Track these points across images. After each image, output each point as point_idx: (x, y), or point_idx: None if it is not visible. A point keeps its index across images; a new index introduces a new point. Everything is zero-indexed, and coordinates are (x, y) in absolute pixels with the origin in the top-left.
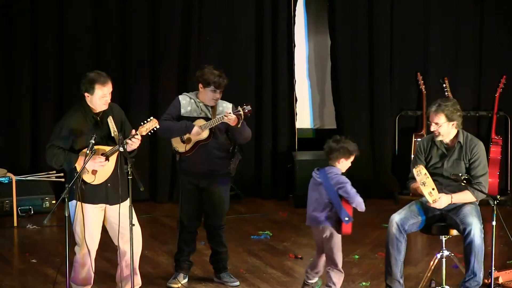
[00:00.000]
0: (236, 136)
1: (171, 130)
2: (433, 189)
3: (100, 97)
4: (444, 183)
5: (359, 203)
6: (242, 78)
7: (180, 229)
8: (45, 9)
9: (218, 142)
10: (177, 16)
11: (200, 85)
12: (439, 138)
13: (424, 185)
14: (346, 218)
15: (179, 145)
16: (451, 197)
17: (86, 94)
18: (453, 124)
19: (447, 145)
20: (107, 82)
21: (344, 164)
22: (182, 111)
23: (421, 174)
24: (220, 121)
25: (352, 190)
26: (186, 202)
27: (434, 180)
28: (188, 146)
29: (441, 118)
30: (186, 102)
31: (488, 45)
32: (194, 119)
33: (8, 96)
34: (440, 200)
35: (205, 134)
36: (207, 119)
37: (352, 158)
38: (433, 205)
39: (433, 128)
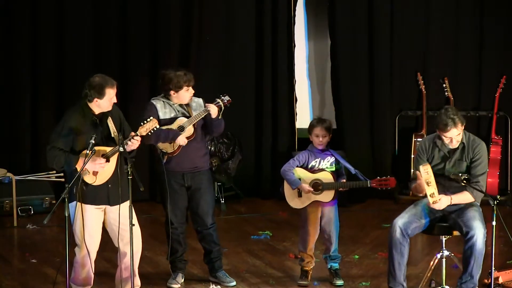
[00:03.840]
0: (214, 129)
1: (157, 137)
2: (435, 189)
3: (109, 99)
4: (447, 185)
5: None
6: (242, 78)
7: (169, 230)
8: (45, 9)
9: (199, 138)
10: (177, 16)
11: (172, 92)
12: (456, 145)
13: (429, 185)
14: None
15: (166, 146)
16: (451, 198)
17: (95, 100)
18: (464, 127)
19: (453, 146)
20: (114, 83)
21: None
22: (160, 114)
23: (428, 173)
24: (202, 115)
25: None
26: (174, 203)
27: (436, 182)
28: (176, 146)
29: (460, 128)
30: (161, 106)
31: (488, 45)
32: (173, 120)
33: (8, 96)
34: (440, 201)
35: (190, 130)
36: (186, 117)
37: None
38: (432, 206)
39: (454, 140)
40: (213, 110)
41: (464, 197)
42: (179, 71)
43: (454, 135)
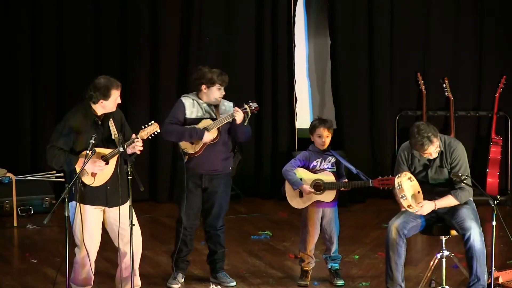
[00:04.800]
0: (239, 135)
1: (180, 135)
2: (418, 191)
3: (114, 101)
4: (433, 192)
5: None
6: (242, 78)
7: (179, 229)
8: (45, 9)
9: (223, 141)
10: (177, 16)
11: (204, 86)
12: (436, 156)
13: (404, 199)
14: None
15: (188, 146)
16: (434, 204)
17: (100, 101)
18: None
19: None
20: (119, 85)
21: None
22: (187, 113)
23: (401, 187)
24: (228, 120)
25: None
26: (189, 202)
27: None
28: (197, 147)
29: (436, 142)
30: (189, 104)
31: (488, 45)
32: (199, 120)
33: (8, 96)
34: (422, 208)
35: (213, 133)
36: (212, 119)
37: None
38: (416, 213)
39: (433, 154)
40: (239, 116)
41: (448, 201)
42: (216, 69)
43: (433, 150)
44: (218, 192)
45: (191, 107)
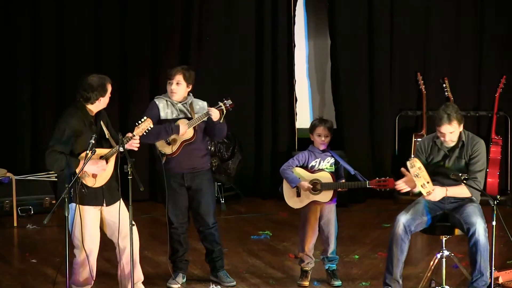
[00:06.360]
0: (216, 133)
1: (157, 134)
2: (428, 182)
3: (108, 96)
4: (446, 183)
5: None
6: (242, 78)
7: (170, 230)
8: (45, 9)
9: (200, 140)
10: (177, 16)
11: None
12: (451, 144)
13: (418, 177)
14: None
15: (164, 147)
16: (446, 190)
17: (99, 99)
18: (462, 126)
19: (448, 145)
20: (109, 78)
21: None
22: (162, 114)
23: (414, 166)
24: (204, 118)
25: None
26: (174, 203)
27: (434, 180)
28: (175, 147)
29: (455, 125)
30: (163, 105)
31: (488, 45)
32: (175, 121)
33: (8, 96)
34: (434, 192)
35: (190, 133)
36: (188, 118)
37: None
38: (427, 197)
39: (448, 137)
40: (215, 113)
41: (461, 191)
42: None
43: (448, 132)
44: (203, 190)
45: (165, 108)
